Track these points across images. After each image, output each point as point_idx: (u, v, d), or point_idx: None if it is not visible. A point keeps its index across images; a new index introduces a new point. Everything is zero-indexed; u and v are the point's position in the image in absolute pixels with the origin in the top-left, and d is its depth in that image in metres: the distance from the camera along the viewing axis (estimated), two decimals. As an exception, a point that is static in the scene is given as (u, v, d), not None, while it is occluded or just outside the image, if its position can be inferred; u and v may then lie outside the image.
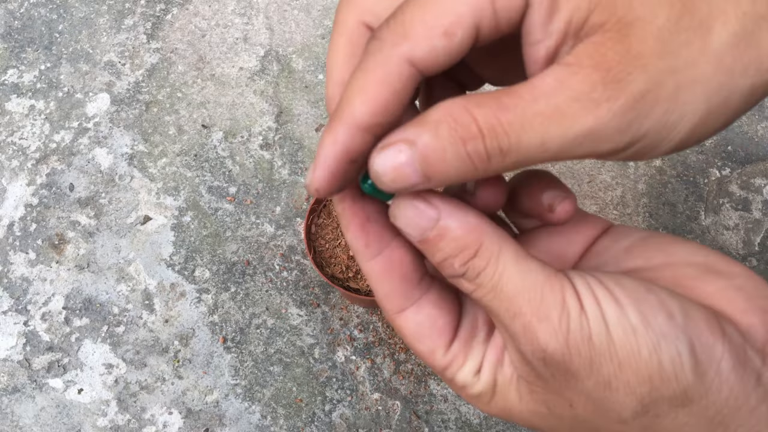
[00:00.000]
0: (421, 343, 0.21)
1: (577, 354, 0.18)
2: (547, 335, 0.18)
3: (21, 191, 0.61)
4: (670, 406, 0.18)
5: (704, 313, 0.19)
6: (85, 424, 0.52)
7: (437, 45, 0.18)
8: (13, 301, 0.56)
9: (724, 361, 0.18)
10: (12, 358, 0.54)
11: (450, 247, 0.20)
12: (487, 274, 0.19)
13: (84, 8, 0.70)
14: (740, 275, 0.20)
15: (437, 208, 0.20)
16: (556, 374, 0.19)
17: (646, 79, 0.17)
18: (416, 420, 0.51)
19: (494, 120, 0.17)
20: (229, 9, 0.69)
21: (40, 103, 0.65)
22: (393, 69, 0.19)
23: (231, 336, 0.55)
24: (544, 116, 0.17)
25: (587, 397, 0.19)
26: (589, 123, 0.17)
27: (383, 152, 0.18)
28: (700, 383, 0.18)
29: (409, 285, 0.21)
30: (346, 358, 0.54)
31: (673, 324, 0.18)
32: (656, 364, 0.18)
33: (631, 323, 0.18)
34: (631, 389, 0.18)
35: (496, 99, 0.18)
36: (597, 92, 0.17)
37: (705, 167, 0.61)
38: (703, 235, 0.58)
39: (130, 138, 0.63)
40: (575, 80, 0.17)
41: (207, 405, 0.52)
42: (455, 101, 0.18)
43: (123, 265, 0.57)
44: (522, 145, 0.17)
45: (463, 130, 0.17)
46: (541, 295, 0.19)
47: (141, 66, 0.66)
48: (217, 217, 0.59)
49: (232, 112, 0.64)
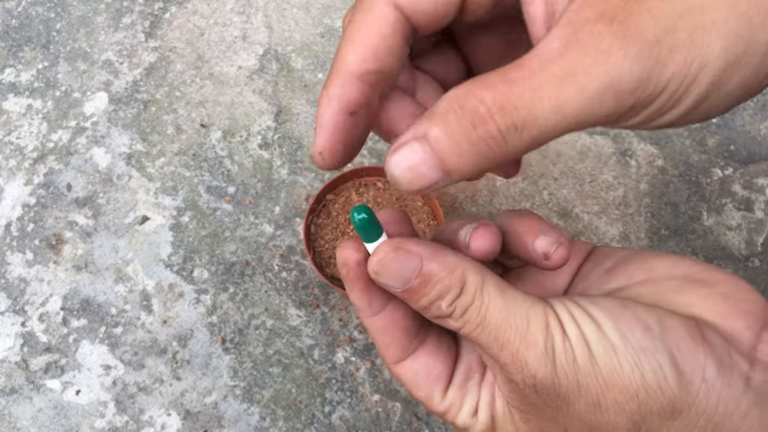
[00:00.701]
0: (419, 390, 0.22)
1: (565, 377, 0.18)
2: (535, 362, 0.19)
3: (18, 191, 0.60)
4: (660, 419, 0.18)
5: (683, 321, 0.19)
6: (83, 426, 0.52)
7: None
8: (11, 301, 0.56)
9: (708, 368, 0.18)
10: (9, 359, 0.54)
11: (436, 291, 0.20)
12: (474, 309, 0.19)
13: (82, 7, 0.69)
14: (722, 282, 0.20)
15: (418, 255, 0.20)
16: (548, 400, 0.19)
17: (654, 24, 0.16)
18: (416, 422, 0.51)
19: (502, 97, 0.16)
20: (228, 7, 0.69)
21: (37, 102, 0.64)
22: (378, 13, 0.18)
23: (230, 337, 0.54)
24: (555, 79, 0.16)
25: (580, 420, 0.19)
26: (606, 76, 0.16)
27: (396, 154, 0.18)
28: (686, 393, 0.18)
29: (407, 337, 0.22)
30: (345, 360, 0.53)
31: (650, 336, 0.18)
32: (639, 379, 0.18)
33: (610, 341, 0.18)
34: (620, 407, 0.18)
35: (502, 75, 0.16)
36: (606, 43, 0.16)
37: (707, 167, 0.60)
38: (706, 235, 0.57)
39: (128, 137, 0.62)
40: (582, 35, 0.16)
41: (206, 406, 0.52)
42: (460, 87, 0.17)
43: (121, 265, 0.57)
44: (537, 116, 0.16)
45: (472, 115, 0.16)
46: (527, 322, 0.19)
47: (139, 65, 0.66)
48: (215, 217, 0.59)
49: (230, 111, 0.63)
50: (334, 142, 0.20)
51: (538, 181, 0.60)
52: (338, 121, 0.19)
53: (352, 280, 0.22)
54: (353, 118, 0.19)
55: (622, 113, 0.17)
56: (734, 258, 0.56)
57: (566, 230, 0.58)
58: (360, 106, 0.19)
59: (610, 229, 0.58)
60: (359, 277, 0.21)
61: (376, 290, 0.22)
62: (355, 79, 0.19)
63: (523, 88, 0.16)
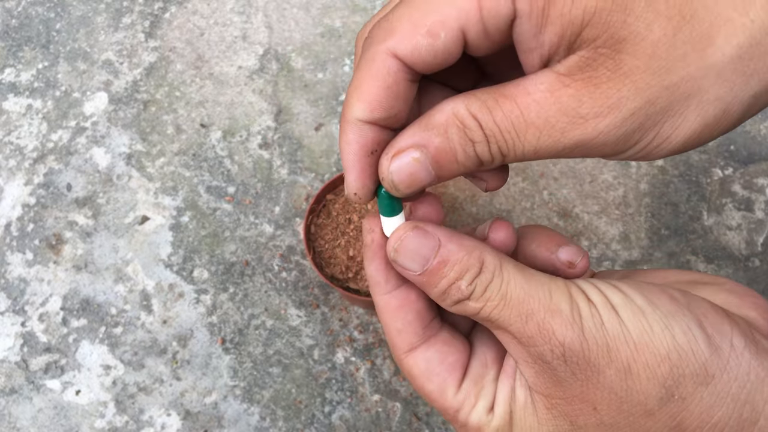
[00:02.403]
0: (430, 382, 0.21)
1: (594, 342, 0.18)
2: (563, 327, 0.18)
3: (18, 191, 0.60)
4: (693, 384, 0.18)
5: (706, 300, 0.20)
6: (83, 426, 0.52)
7: (421, 43, 0.19)
8: (11, 301, 0.56)
9: (736, 337, 0.18)
10: (9, 359, 0.54)
11: (455, 271, 0.20)
12: (495, 285, 0.20)
13: (82, 7, 0.69)
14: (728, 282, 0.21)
15: (435, 235, 0.20)
16: (577, 371, 0.19)
17: (636, 96, 0.17)
18: (416, 422, 0.51)
19: (494, 128, 0.18)
20: (228, 7, 0.69)
21: (37, 102, 0.64)
22: (380, 64, 0.19)
23: (230, 337, 0.54)
24: (536, 127, 0.18)
25: (610, 391, 0.18)
26: (577, 137, 0.18)
27: (397, 159, 0.19)
28: (717, 357, 0.18)
29: (422, 322, 0.22)
30: (345, 360, 0.53)
31: (677, 304, 0.19)
32: (670, 340, 0.18)
33: (638, 305, 0.18)
34: (652, 371, 0.18)
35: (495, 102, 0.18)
36: (585, 108, 0.17)
37: (707, 167, 0.60)
38: (706, 235, 0.57)
39: (128, 137, 0.62)
40: (565, 93, 0.18)
41: (205, 406, 0.52)
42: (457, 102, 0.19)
43: (121, 265, 0.57)
44: (518, 150, 0.19)
45: (471, 134, 0.19)
46: (549, 294, 0.19)
47: (139, 65, 0.66)
48: (215, 217, 0.59)
49: (230, 111, 0.63)
50: (363, 180, 0.21)
51: (538, 181, 0.60)
52: (361, 162, 0.20)
53: (374, 250, 0.22)
54: (374, 156, 0.20)
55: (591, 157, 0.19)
56: (734, 258, 0.56)
57: (566, 230, 0.58)
58: (377, 144, 0.20)
59: (610, 229, 0.58)
60: (382, 246, 0.22)
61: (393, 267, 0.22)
62: (365, 125, 0.20)
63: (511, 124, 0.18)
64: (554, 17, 0.17)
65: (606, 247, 0.57)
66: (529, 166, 0.60)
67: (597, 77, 0.17)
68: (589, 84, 0.17)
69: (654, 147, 0.18)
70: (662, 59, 0.17)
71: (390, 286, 0.22)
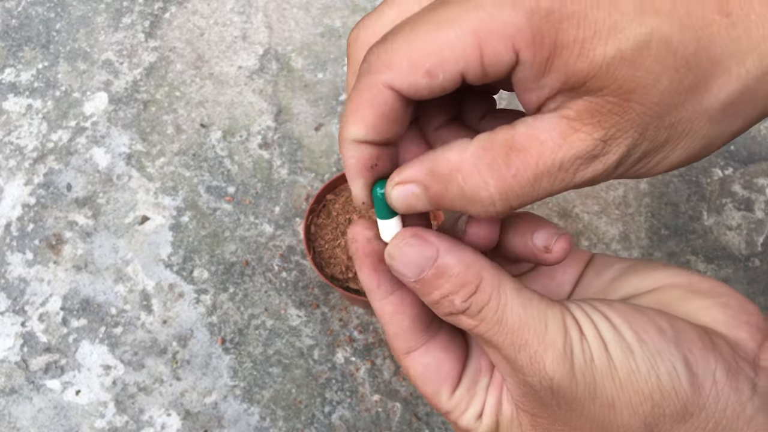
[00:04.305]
0: (426, 386, 0.22)
1: (582, 378, 0.19)
2: (554, 363, 0.19)
3: (18, 191, 0.60)
4: (672, 422, 0.19)
5: (692, 327, 0.20)
6: (83, 426, 0.52)
7: (419, 82, 0.19)
8: (11, 301, 0.56)
9: (719, 372, 0.19)
10: (9, 359, 0.54)
11: (450, 284, 0.20)
12: (491, 308, 0.19)
13: (82, 7, 0.69)
14: (724, 294, 0.21)
15: (434, 245, 0.20)
16: (562, 402, 0.19)
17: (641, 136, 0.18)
18: (416, 422, 0.51)
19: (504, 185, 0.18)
20: (228, 7, 0.69)
21: (37, 102, 0.64)
22: (377, 94, 0.19)
23: (230, 337, 0.54)
24: (550, 174, 0.18)
25: (593, 421, 0.19)
26: (589, 175, 0.18)
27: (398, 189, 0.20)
28: (698, 396, 0.18)
29: (419, 326, 0.22)
30: (345, 360, 0.53)
31: (665, 339, 0.19)
32: (655, 381, 0.18)
33: (627, 342, 0.19)
34: (634, 409, 0.19)
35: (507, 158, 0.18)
36: (597, 150, 0.18)
37: (707, 167, 0.60)
38: (706, 235, 0.57)
39: (128, 137, 0.62)
40: (577, 138, 0.18)
41: (205, 406, 0.52)
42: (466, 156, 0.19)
43: (121, 265, 0.57)
44: (531, 198, 0.19)
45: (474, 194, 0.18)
46: (545, 324, 0.19)
47: (139, 65, 0.66)
48: (215, 217, 0.59)
49: (230, 111, 0.63)
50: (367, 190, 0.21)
51: (538, 181, 0.60)
52: (364, 175, 0.21)
53: (360, 258, 0.22)
54: (376, 169, 0.21)
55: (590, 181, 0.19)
56: (734, 258, 0.56)
57: (566, 230, 0.58)
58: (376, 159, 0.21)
59: (610, 229, 0.58)
60: (368, 254, 0.22)
61: (386, 271, 0.21)
62: (362, 144, 0.20)
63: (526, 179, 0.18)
64: (558, 66, 0.17)
65: (606, 247, 0.57)
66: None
67: (607, 121, 0.18)
68: (599, 127, 0.18)
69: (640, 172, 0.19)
70: (666, 105, 0.18)
71: (383, 292, 0.22)
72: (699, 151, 0.19)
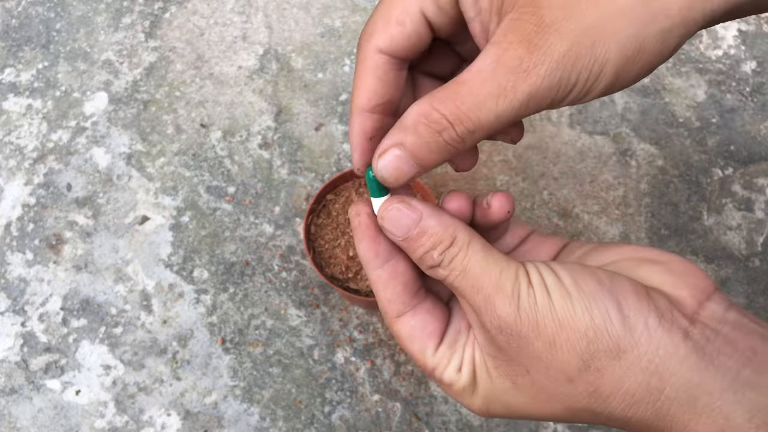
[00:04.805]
0: (413, 344, 0.25)
1: (526, 318, 0.22)
2: (502, 304, 0.22)
3: (18, 191, 0.60)
4: (607, 358, 0.21)
5: (631, 281, 0.23)
6: (83, 426, 0.52)
7: (393, 32, 0.23)
8: (11, 301, 0.56)
9: (651, 318, 0.21)
10: (9, 359, 0.54)
11: (430, 241, 0.24)
12: (459, 259, 0.23)
13: (82, 6, 0.69)
14: (674, 261, 0.24)
15: (418, 210, 0.24)
16: (511, 340, 0.22)
17: (562, 41, 0.20)
18: (416, 422, 0.51)
19: (457, 111, 0.22)
20: (228, 7, 0.69)
21: (37, 102, 0.64)
22: (370, 61, 0.24)
23: (230, 337, 0.54)
24: (491, 95, 0.21)
25: (538, 359, 0.22)
26: (526, 89, 0.21)
27: (382, 158, 0.23)
28: (629, 335, 0.21)
29: (409, 292, 0.25)
30: (345, 360, 0.53)
31: (601, 288, 0.22)
32: (589, 320, 0.21)
33: (567, 290, 0.22)
34: (571, 345, 0.22)
35: (453, 92, 0.22)
36: (525, 62, 0.21)
37: (707, 167, 0.60)
38: (706, 235, 0.57)
39: (128, 137, 0.62)
40: (506, 56, 0.21)
41: (205, 406, 0.52)
42: (422, 103, 0.22)
43: (121, 265, 0.57)
44: (483, 122, 0.22)
45: (437, 125, 0.22)
46: (499, 273, 0.23)
47: (139, 65, 0.66)
48: (215, 217, 0.59)
49: (230, 111, 0.63)
50: (364, 159, 0.25)
51: (538, 181, 0.60)
52: (362, 145, 0.25)
53: (362, 230, 0.25)
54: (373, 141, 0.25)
55: (545, 107, 0.22)
56: (734, 258, 0.56)
57: (566, 230, 0.58)
58: (375, 131, 0.25)
59: (611, 229, 0.58)
60: (368, 227, 0.25)
61: (383, 242, 0.25)
62: (365, 112, 0.25)
63: (471, 103, 0.21)
64: None
65: (606, 247, 0.57)
66: (529, 166, 0.60)
67: (527, 33, 0.20)
68: (522, 42, 0.21)
69: (591, 85, 0.21)
70: (574, 8, 0.20)
71: (380, 261, 0.25)
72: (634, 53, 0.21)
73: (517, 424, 0.51)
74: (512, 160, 0.61)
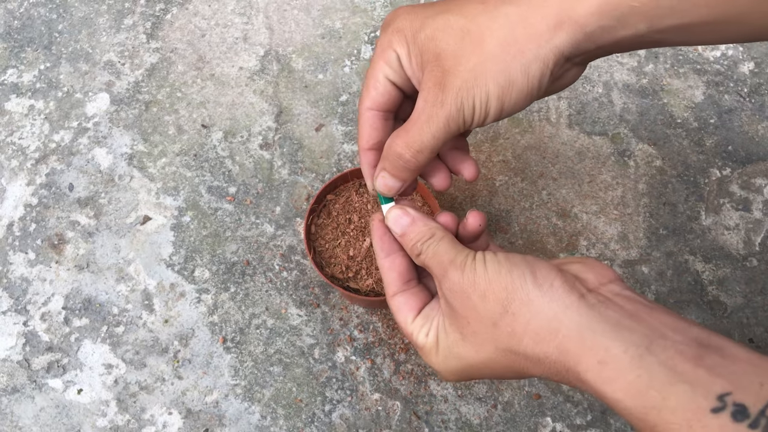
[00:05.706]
0: (399, 315, 0.35)
1: (467, 279, 0.31)
2: (453, 271, 0.31)
3: (20, 191, 0.61)
4: (520, 304, 0.29)
5: (548, 262, 0.31)
6: (85, 425, 0.52)
7: (372, 94, 0.34)
8: (13, 301, 0.56)
9: (556, 281, 0.29)
10: (11, 359, 0.54)
11: (417, 236, 0.34)
12: (432, 246, 0.33)
13: (83, 8, 0.69)
14: (589, 260, 0.32)
15: (411, 215, 0.35)
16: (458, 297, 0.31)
17: (456, 80, 0.30)
18: (416, 420, 0.51)
19: (406, 139, 0.32)
20: (229, 9, 0.69)
21: (39, 102, 0.65)
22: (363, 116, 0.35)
23: (231, 336, 0.55)
24: (425, 122, 0.32)
25: (474, 309, 0.30)
26: (444, 114, 0.31)
27: (376, 180, 0.35)
28: (537, 290, 0.29)
29: (402, 279, 0.35)
30: (346, 359, 0.54)
31: (524, 260, 0.30)
32: (509, 279, 0.30)
33: (498, 260, 0.31)
34: (496, 296, 0.30)
35: (404, 128, 0.33)
36: (439, 98, 0.31)
37: (705, 167, 0.61)
38: (704, 235, 0.58)
39: (130, 138, 0.63)
40: (428, 96, 0.31)
41: (207, 405, 0.52)
42: (389, 140, 0.34)
43: (122, 265, 0.57)
44: (425, 142, 0.32)
45: (396, 153, 0.33)
46: (455, 254, 0.32)
47: (141, 66, 0.66)
48: (216, 217, 0.59)
49: (231, 111, 0.64)
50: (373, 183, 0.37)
51: (537, 181, 0.60)
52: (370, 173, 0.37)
53: (374, 230, 0.36)
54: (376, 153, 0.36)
55: (462, 127, 0.32)
56: (732, 258, 0.57)
57: (565, 230, 0.58)
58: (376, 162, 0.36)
59: (609, 229, 0.58)
60: (378, 228, 0.36)
61: (388, 240, 0.35)
62: (367, 150, 0.36)
63: (414, 132, 0.32)
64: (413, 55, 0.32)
65: (605, 246, 0.57)
66: (528, 166, 0.61)
67: (436, 79, 0.31)
68: (436, 84, 0.31)
69: (485, 109, 0.31)
70: (461, 57, 0.30)
71: (384, 253, 0.35)
72: (507, 85, 0.30)
73: (516, 423, 0.51)
74: (511, 160, 0.61)
